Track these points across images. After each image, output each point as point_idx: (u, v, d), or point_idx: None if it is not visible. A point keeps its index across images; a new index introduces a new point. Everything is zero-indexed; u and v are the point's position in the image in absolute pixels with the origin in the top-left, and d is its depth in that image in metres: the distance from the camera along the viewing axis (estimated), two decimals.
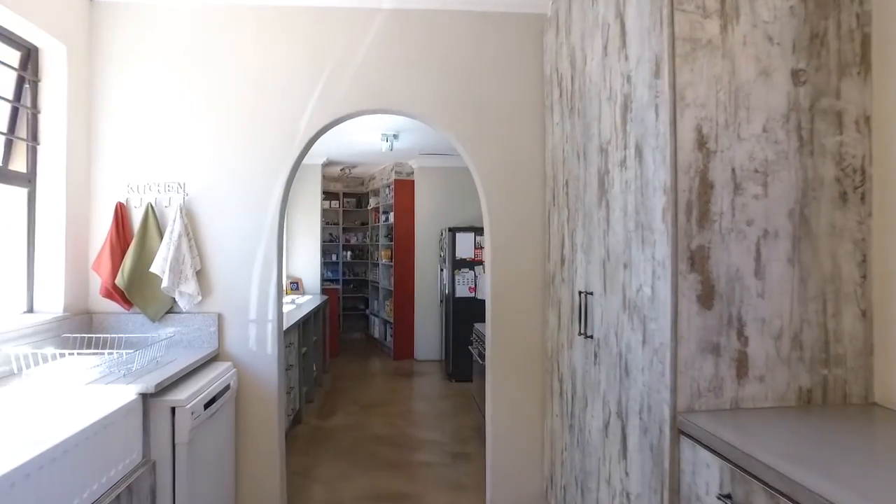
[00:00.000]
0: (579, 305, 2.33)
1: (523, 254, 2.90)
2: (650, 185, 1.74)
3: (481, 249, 6.09)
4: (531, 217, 2.90)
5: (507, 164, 2.91)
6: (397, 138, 5.72)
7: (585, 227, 2.32)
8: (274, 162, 2.81)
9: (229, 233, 2.80)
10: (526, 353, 2.91)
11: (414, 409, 5.25)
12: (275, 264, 2.81)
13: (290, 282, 6.77)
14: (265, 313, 2.80)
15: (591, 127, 2.25)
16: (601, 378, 2.13)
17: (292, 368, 4.54)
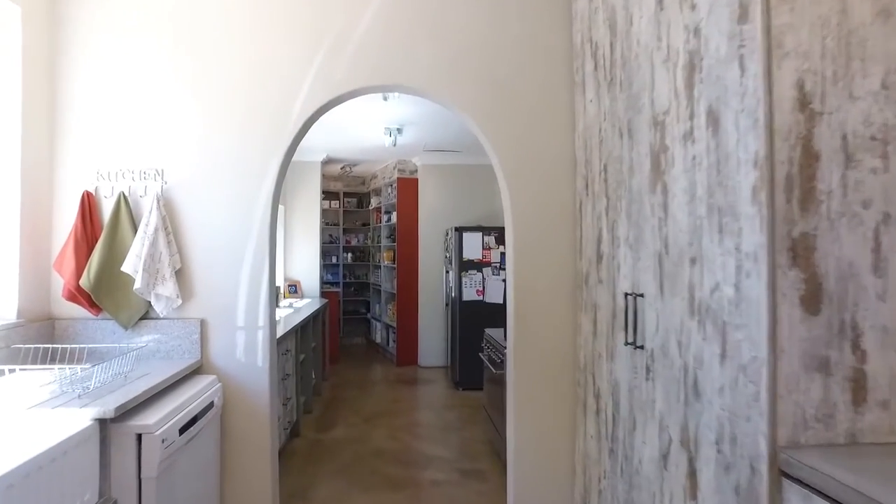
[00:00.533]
0: (624, 310, 1.95)
1: (550, 251, 2.52)
2: (732, 159, 1.37)
3: (490, 250, 5.72)
4: (559, 209, 2.53)
5: (532, 149, 2.54)
6: (401, 133, 5.36)
7: (632, 217, 1.95)
8: (266, 146, 2.44)
9: (214, 227, 2.42)
10: (553, 364, 2.53)
11: (419, 421, 4.86)
12: (266, 263, 2.43)
13: (287, 284, 6.40)
14: (255, 319, 2.42)
15: (640, 98, 1.88)
16: (656, 397, 1.75)
17: (289, 378, 4.15)
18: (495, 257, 5.72)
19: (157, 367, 2.18)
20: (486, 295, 5.72)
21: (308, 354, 5.02)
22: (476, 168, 6.70)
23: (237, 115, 2.44)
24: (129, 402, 1.70)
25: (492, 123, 2.52)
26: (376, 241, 7.84)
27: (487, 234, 5.74)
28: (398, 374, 6.48)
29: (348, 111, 4.70)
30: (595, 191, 2.30)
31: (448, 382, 6.03)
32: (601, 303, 2.23)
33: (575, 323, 2.54)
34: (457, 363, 5.79)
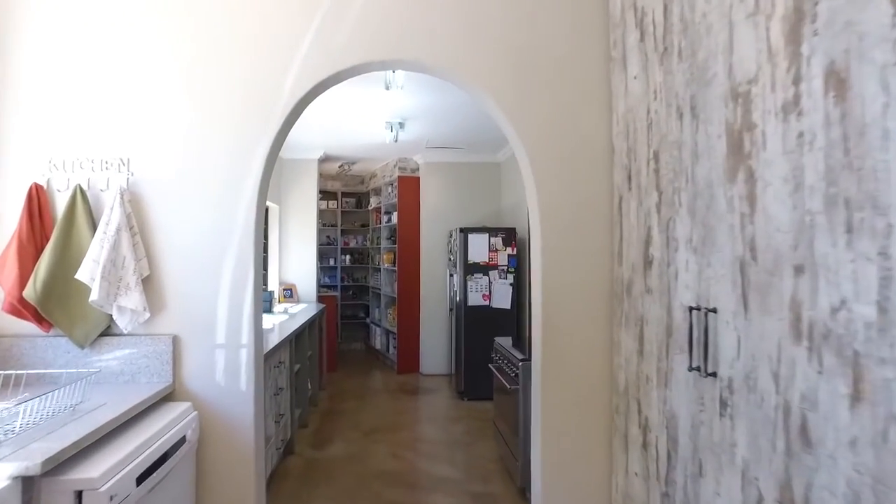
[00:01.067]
0: (688, 327, 1.57)
1: (583, 255, 2.14)
2: (872, 132, 1.00)
3: (496, 252, 5.34)
4: (594, 206, 2.15)
5: (562, 136, 2.16)
6: (403, 128, 4.98)
7: (696, 215, 1.57)
8: (251, 131, 2.05)
9: (189, 226, 2.03)
10: (586, 386, 2.15)
11: (423, 436, 4.47)
12: (251, 269, 2.04)
13: (283, 288, 6.00)
14: (238, 335, 2.03)
15: (709, 68, 1.50)
16: (737, 439, 1.37)
17: (282, 392, 3.76)
18: (502, 260, 5.34)
19: (118, 395, 1.79)
20: (493, 300, 5.33)
21: (304, 364, 4.63)
22: (481, 166, 6.32)
23: (217, 94, 2.05)
24: (66, 451, 1.31)
25: (516, 106, 2.14)
26: (376, 243, 7.46)
27: (494, 236, 5.35)
28: (399, 382, 6.08)
29: (347, 103, 4.31)
30: (641, 184, 1.92)
31: (452, 392, 5.64)
32: (650, 317, 1.85)
33: (612, 339, 2.16)
34: (461, 372, 5.41)
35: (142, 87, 2.04)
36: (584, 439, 2.15)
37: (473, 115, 4.65)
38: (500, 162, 6.32)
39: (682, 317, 1.64)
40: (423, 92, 4.05)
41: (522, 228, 5.36)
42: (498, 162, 6.33)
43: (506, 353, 3.71)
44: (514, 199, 5.80)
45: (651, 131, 1.85)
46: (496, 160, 6.30)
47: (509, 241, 5.35)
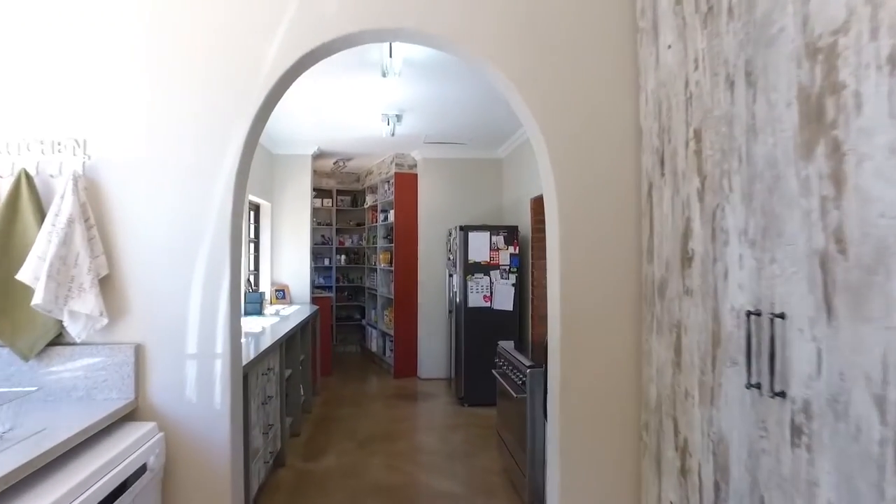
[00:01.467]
0: (746, 336, 1.30)
1: (607, 250, 1.87)
2: None
3: (498, 251, 5.06)
4: (618, 195, 1.87)
5: (582, 116, 1.88)
6: (400, 121, 4.70)
7: (754, 200, 1.29)
8: (227, 108, 1.77)
9: (156, 218, 1.75)
10: (610, 399, 1.87)
11: (422, 445, 4.18)
12: (227, 268, 1.75)
13: (275, 289, 5.71)
14: (212, 343, 1.74)
15: (773, 23, 1.23)
16: (819, 477, 1.10)
17: (272, 400, 3.47)
18: (504, 259, 5.06)
19: (65, 416, 1.50)
20: (495, 301, 5.05)
21: (295, 369, 4.34)
22: (481, 162, 6.05)
23: (187, 65, 1.77)
24: None
25: (530, 82, 1.86)
26: (372, 242, 7.17)
27: (495, 234, 5.08)
28: (396, 387, 5.79)
29: (342, 93, 4.03)
30: (678, 168, 1.64)
31: (451, 398, 5.35)
32: (690, 323, 1.57)
33: (640, 347, 1.88)
34: (461, 376, 5.12)
35: (100, 56, 1.76)
36: (609, 460, 1.87)
37: (474, 107, 4.37)
38: (500, 158, 6.05)
39: (735, 323, 1.36)
40: (421, 81, 3.78)
41: (525, 227, 5.08)
42: (499, 158, 6.05)
43: (511, 358, 3.44)
44: (515, 197, 5.53)
45: (691, 107, 1.58)
46: (497, 156, 6.03)
47: (511, 239, 5.08)
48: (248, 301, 4.80)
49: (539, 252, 4.96)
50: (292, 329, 4.17)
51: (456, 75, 3.68)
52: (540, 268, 4.97)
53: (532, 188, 4.95)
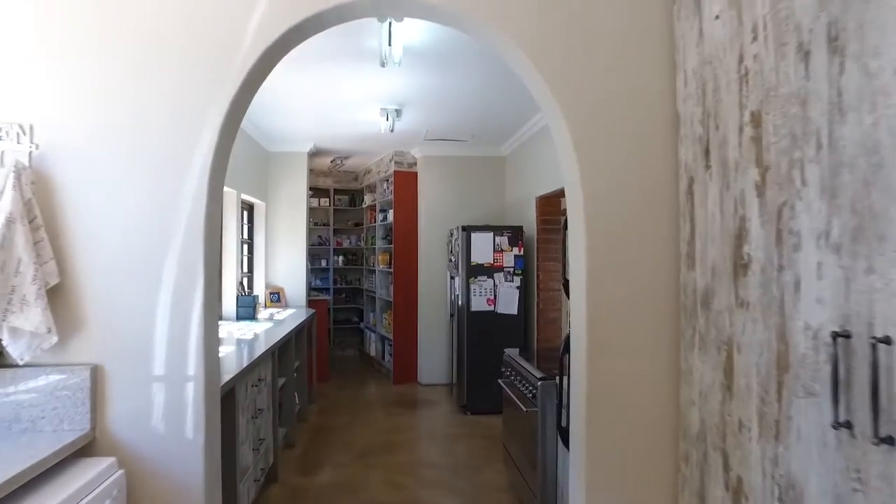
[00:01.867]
0: (832, 361, 1.04)
1: (639, 255, 1.61)
2: None
3: (502, 253, 4.80)
4: (653, 191, 1.62)
5: (611, 101, 1.62)
6: (400, 116, 4.43)
7: (840, 196, 1.04)
8: (199, 92, 1.51)
9: (117, 218, 1.48)
10: (641, 424, 1.61)
11: (423, 458, 3.92)
12: (201, 275, 1.49)
13: (269, 292, 5.44)
14: (182, 364, 1.48)
15: None
16: None
17: (263, 413, 3.21)
18: (508, 261, 4.80)
19: (1, 454, 1.23)
20: (499, 304, 4.79)
21: (290, 377, 4.07)
22: (483, 160, 5.78)
23: (155, 39, 1.50)
24: None
25: (549, 57, 1.60)
26: (370, 243, 6.91)
27: (499, 235, 4.82)
28: (396, 394, 5.53)
29: (338, 85, 3.77)
30: (729, 159, 1.39)
31: (453, 405, 5.09)
32: (745, 340, 1.31)
33: (678, 365, 1.62)
34: (464, 383, 4.86)
35: (56, 34, 1.49)
36: (641, 494, 1.61)
37: (477, 100, 4.11)
38: (503, 156, 5.79)
39: (811, 345, 1.11)
40: (422, 71, 3.52)
41: (530, 227, 4.83)
42: (502, 156, 5.80)
43: (519, 368, 3.18)
44: (519, 196, 5.27)
45: (746, 86, 1.32)
46: (500, 154, 5.77)
47: (516, 240, 4.82)
48: (240, 305, 4.54)
49: (545, 253, 4.71)
50: (287, 335, 3.91)
51: (459, 66, 3.42)
52: (546, 270, 4.72)
53: (538, 187, 4.70)
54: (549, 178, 4.44)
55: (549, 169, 4.46)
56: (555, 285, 4.72)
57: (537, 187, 4.71)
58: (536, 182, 4.74)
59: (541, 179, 4.63)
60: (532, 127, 4.77)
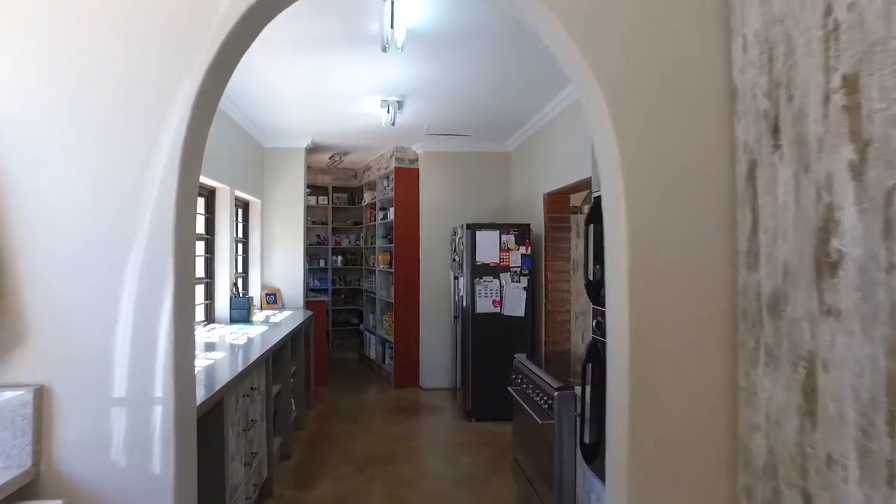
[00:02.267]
0: None
1: (690, 254, 1.35)
2: None
3: (508, 252, 4.55)
4: (704, 177, 1.36)
5: (653, 71, 1.37)
6: (401, 108, 4.18)
7: None
8: (166, 60, 1.25)
9: (67, 214, 1.22)
10: (693, 451, 1.36)
11: (427, 469, 3.67)
12: (170, 278, 1.23)
13: (265, 293, 5.18)
14: (148, 384, 1.22)
15: None
16: None
17: (255, 425, 2.96)
18: (515, 260, 4.55)
19: None
20: (505, 306, 4.54)
21: (286, 383, 3.81)
22: (487, 156, 5.53)
23: (109, 4, 1.24)
24: None
25: (584, 22, 1.34)
26: (370, 243, 6.65)
27: (506, 233, 4.56)
28: (397, 399, 5.27)
29: (337, 74, 3.51)
30: (808, 136, 1.13)
31: (457, 411, 4.83)
32: (836, 356, 1.06)
33: (737, 382, 1.36)
34: (469, 388, 4.61)
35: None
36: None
37: (483, 92, 3.86)
38: (508, 152, 5.54)
39: None
40: (425, 58, 3.26)
41: (538, 225, 4.57)
42: (506, 152, 5.54)
43: (531, 375, 2.92)
44: (525, 193, 5.02)
45: (836, 43, 1.06)
46: (504, 150, 5.52)
47: (523, 239, 4.56)
48: (234, 307, 4.27)
49: (554, 252, 4.45)
50: (283, 338, 3.66)
51: (465, 51, 3.16)
52: (554, 270, 4.46)
53: (545, 183, 4.45)
54: (556, 175, 4.19)
55: (556, 165, 4.21)
56: (563, 286, 4.47)
57: (544, 184, 4.46)
58: (543, 178, 4.49)
59: (548, 176, 4.38)
60: (538, 121, 4.52)
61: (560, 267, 4.43)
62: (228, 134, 4.19)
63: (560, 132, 4.15)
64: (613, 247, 1.40)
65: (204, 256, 4.15)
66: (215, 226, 4.24)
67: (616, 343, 1.42)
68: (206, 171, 3.72)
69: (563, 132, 4.08)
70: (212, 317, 4.23)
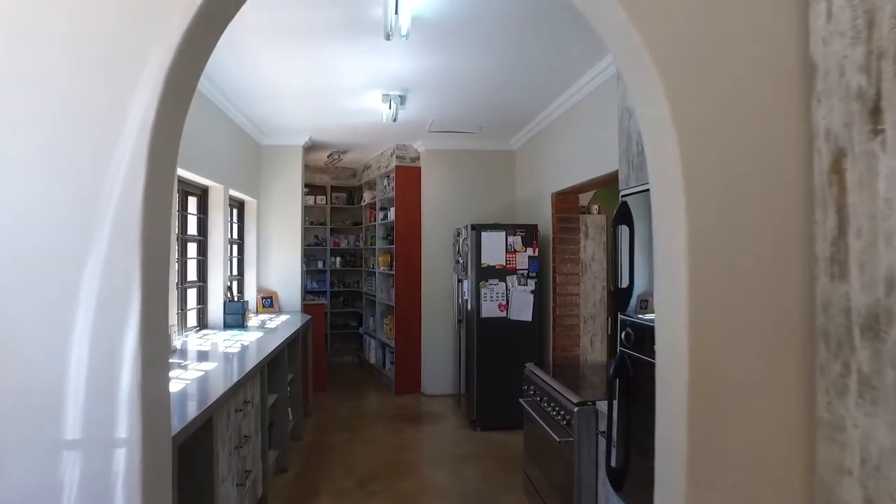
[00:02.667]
0: None
1: (759, 261, 1.12)
2: None
3: (515, 254, 4.32)
4: (775, 172, 1.13)
5: (714, 48, 1.14)
6: (403, 103, 3.94)
7: None
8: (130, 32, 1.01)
9: (6, 211, 0.99)
10: (762, 497, 1.13)
11: (431, 484, 3.44)
12: (137, 292, 0.99)
13: (261, 297, 4.94)
14: (108, 422, 0.98)
15: None
16: None
17: (249, 441, 2.71)
18: (522, 262, 4.32)
19: None
20: (511, 310, 4.31)
21: (282, 392, 3.57)
22: (491, 155, 5.30)
23: None
24: None
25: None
26: (370, 244, 6.41)
27: (512, 234, 4.33)
28: (398, 406, 5.03)
29: (337, 66, 3.27)
30: None
31: (461, 419, 4.60)
32: None
33: (814, 414, 1.13)
34: (473, 395, 4.38)
35: None
36: None
37: (490, 86, 3.63)
38: (513, 150, 5.31)
39: None
40: (431, 48, 3.03)
41: (545, 225, 4.35)
42: (510, 150, 5.32)
43: (545, 387, 2.69)
44: (532, 193, 4.79)
45: None
46: (509, 147, 5.29)
47: (530, 240, 4.34)
48: (227, 312, 4.03)
49: (562, 255, 4.22)
50: (279, 345, 3.42)
51: (472, 42, 2.94)
52: (563, 272, 4.24)
53: (553, 183, 4.22)
54: (566, 173, 3.97)
55: (565, 163, 3.98)
56: (572, 289, 4.24)
57: (552, 183, 4.23)
58: (551, 177, 4.26)
59: (557, 174, 4.15)
60: (545, 118, 4.29)
61: (569, 269, 4.20)
62: (221, 130, 3.95)
63: (569, 129, 3.93)
64: (669, 253, 1.17)
65: (196, 259, 3.91)
66: (208, 226, 4.00)
67: (669, 364, 1.19)
68: (199, 168, 3.48)
69: (573, 129, 3.86)
70: (205, 322, 3.99)
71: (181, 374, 2.58)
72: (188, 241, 3.73)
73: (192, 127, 3.36)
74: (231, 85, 3.55)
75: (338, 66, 3.24)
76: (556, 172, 4.16)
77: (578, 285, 4.23)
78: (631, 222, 1.91)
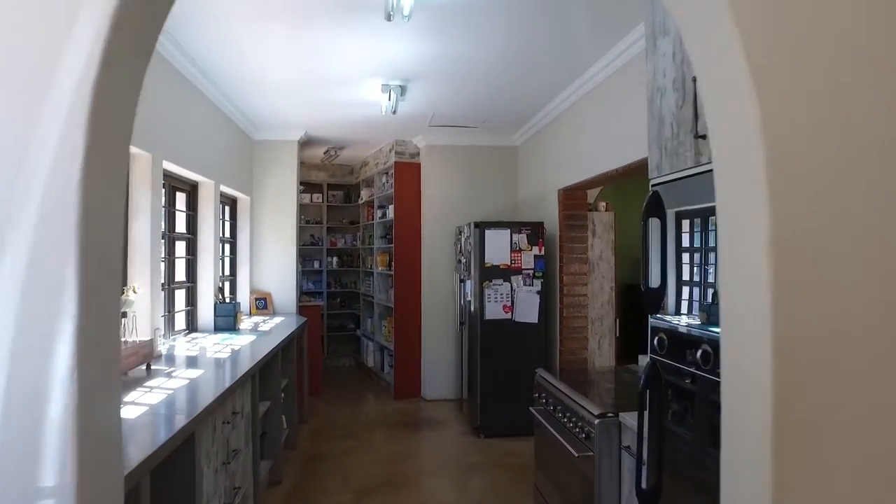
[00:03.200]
0: None
1: (864, 263, 0.89)
2: None
3: (520, 252, 4.08)
4: (885, 150, 0.90)
5: None
6: (404, 94, 3.70)
7: None
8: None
9: None
10: None
11: (435, 498, 3.20)
12: (73, 297, 0.75)
13: (255, 298, 4.70)
14: (29, 467, 0.74)
15: None
16: None
17: (238, 455, 2.47)
18: (527, 262, 4.09)
19: None
20: (517, 312, 4.07)
21: (276, 399, 3.33)
22: (493, 150, 5.07)
23: None
24: None
25: None
26: (368, 243, 6.16)
27: (517, 232, 4.10)
28: (398, 411, 4.78)
29: (334, 54, 3.03)
30: None
31: (464, 426, 4.36)
32: None
33: None
34: (476, 401, 4.14)
35: None
36: None
37: (495, 75, 3.39)
38: (515, 146, 5.08)
39: None
40: (434, 32, 2.79)
41: (551, 223, 4.12)
42: (513, 146, 5.09)
43: (559, 395, 2.46)
44: (536, 190, 4.56)
45: None
46: (512, 143, 5.06)
47: (536, 238, 4.10)
48: (218, 314, 3.78)
49: (570, 253, 3.99)
50: (272, 350, 3.17)
51: (479, 26, 2.71)
52: (570, 272, 4.01)
53: (559, 179, 3.99)
54: (573, 169, 3.74)
55: (573, 159, 3.76)
56: (580, 290, 4.01)
57: (558, 179, 4.01)
58: (558, 173, 4.04)
59: (563, 170, 3.93)
60: (550, 113, 4.07)
61: (576, 269, 3.98)
62: (211, 123, 3.70)
63: (576, 123, 3.71)
64: (742, 250, 0.93)
65: (185, 258, 3.65)
66: (198, 224, 3.75)
67: (740, 390, 0.96)
68: (187, 162, 3.23)
69: (580, 123, 3.64)
70: (194, 325, 3.74)
71: (164, 382, 2.34)
72: (176, 238, 3.48)
73: (178, 116, 3.13)
74: (219, 72, 3.30)
75: (335, 50, 3.00)
76: (563, 168, 3.94)
77: (586, 285, 4.00)
78: (663, 214, 1.69)
